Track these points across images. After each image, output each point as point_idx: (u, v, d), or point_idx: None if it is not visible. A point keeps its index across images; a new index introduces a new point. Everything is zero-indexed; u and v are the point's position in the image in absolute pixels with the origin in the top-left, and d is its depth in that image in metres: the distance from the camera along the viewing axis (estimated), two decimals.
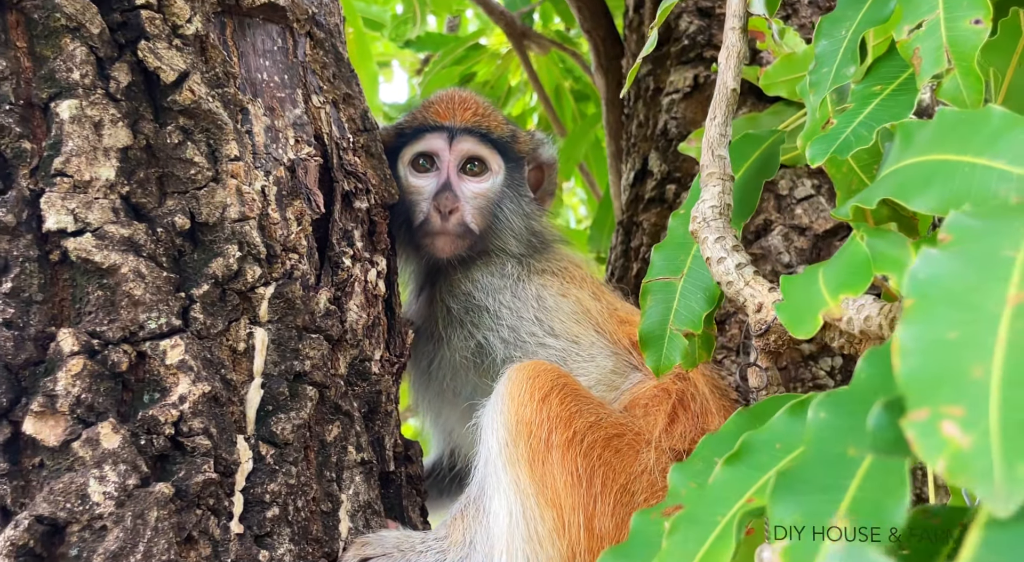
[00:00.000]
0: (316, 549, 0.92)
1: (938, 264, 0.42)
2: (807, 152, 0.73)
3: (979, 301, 0.39)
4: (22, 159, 0.83)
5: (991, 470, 0.32)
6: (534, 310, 1.19)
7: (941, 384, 0.36)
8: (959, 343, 0.37)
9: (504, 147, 1.24)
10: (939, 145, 0.60)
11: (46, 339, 0.81)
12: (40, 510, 0.77)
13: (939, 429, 0.34)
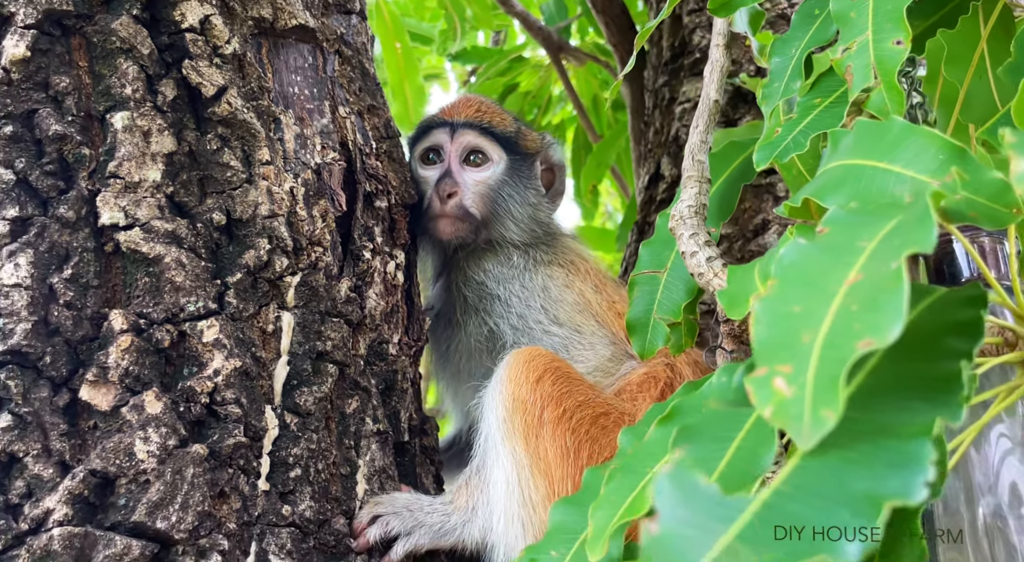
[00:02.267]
0: (335, 507, 0.99)
1: (801, 251, 0.47)
2: (753, 157, 0.78)
3: (824, 282, 0.44)
4: (82, 163, 0.92)
5: (802, 414, 0.38)
6: (541, 299, 1.25)
7: (779, 348, 0.41)
8: (800, 315, 0.42)
9: (506, 141, 1.30)
10: (855, 151, 0.65)
11: (100, 319, 0.90)
12: (94, 465, 0.85)
13: (771, 383, 0.40)
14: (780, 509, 0.37)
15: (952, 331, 0.47)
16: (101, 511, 0.85)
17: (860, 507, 0.36)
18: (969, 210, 0.60)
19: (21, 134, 0.90)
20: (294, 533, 0.94)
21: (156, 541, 0.85)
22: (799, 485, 0.38)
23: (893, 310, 0.40)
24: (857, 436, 0.40)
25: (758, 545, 0.34)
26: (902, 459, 0.38)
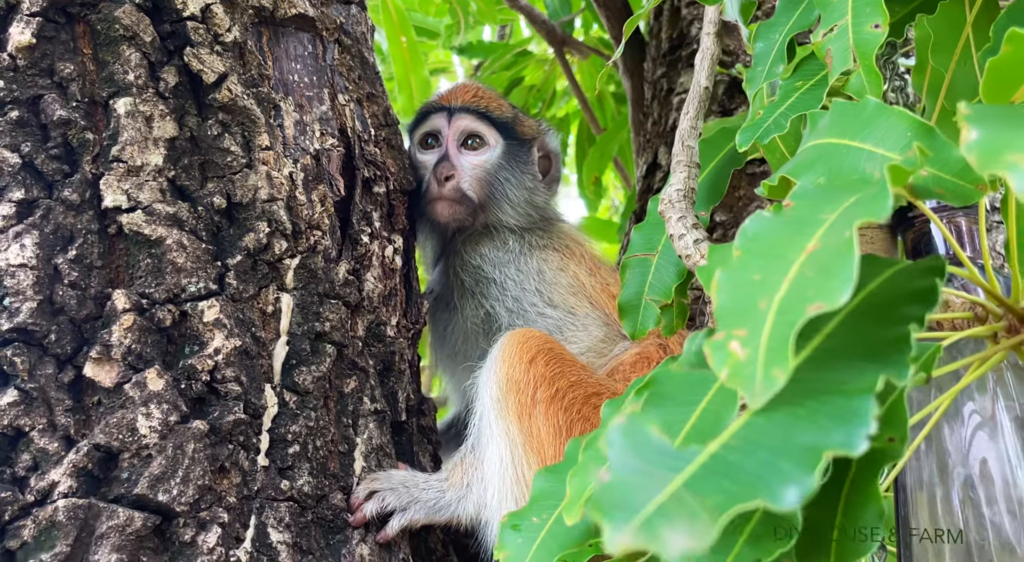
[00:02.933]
0: (333, 483, 1.01)
1: (765, 223, 0.49)
2: (736, 139, 0.79)
3: (784, 251, 0.45)
4: (86, 148, 0.94)
5: (755, 375, 0.39)
6: (535, 282, 1.26)
7: (737, 313, 0.42)
8: (758, 283, 0.43)
9: (503, 126, 1.31)
10: (830, 131, 0.66)
11: (104, 298, 0.92)
12: (98, 439, 0.87)
13: (727, 347, 0.41)
14: (726, 460, 0.38)
15: (908, 299, 0.48)
16: (105, 484, 0.87)
17: (801, 457, 0.37)
18: (936, 186, 0.61)
19: (27, 119, 0.92)
20: (292, 507, 0.96)
21: (158, 513, 0.87)
22: (746, 438, 0.40)
23: (844, 275, 0.41)
24: (807, 394, 0.42)
25: (702, 492, 0.36)
26: (846, 414, 0.40)
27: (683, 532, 0.33)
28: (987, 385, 0.70)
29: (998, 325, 0.66)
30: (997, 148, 0.42)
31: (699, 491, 0.36)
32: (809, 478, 0.36)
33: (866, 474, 0.52)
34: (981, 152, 0.43)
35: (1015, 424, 0.67)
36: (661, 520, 0.34)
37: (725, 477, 0.37)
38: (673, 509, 0.34)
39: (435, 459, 1.22)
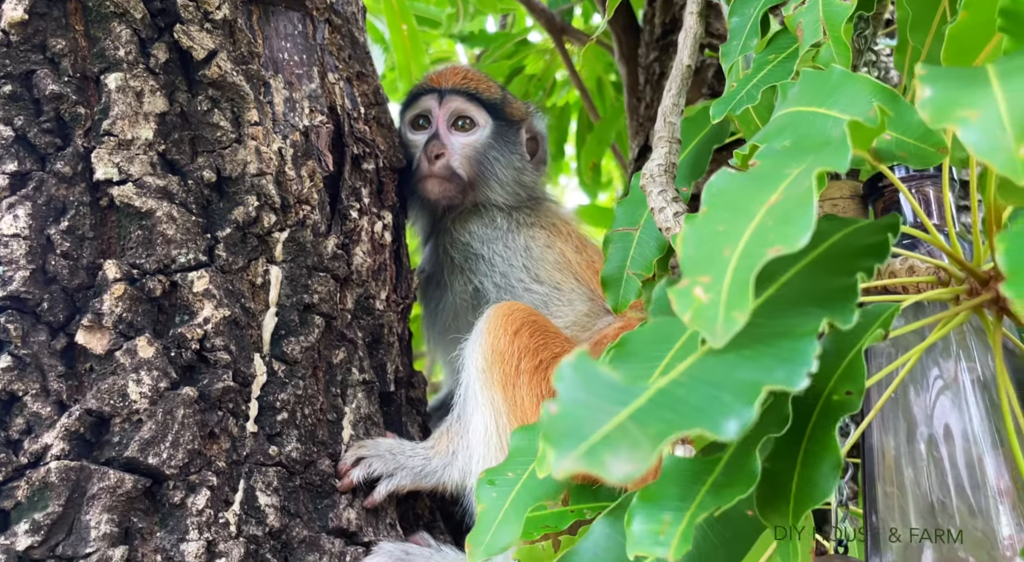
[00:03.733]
0: (321, 449, 1.02)
1: (730, 179, 0.49)
2: (711, 111, 0.80)
3: (748, 204, 0.46)
4: (77, 122, 0.94)
5: (717, 317, 0.40)
6: (523, 259, 1.27)
7: (702, 262, 0.43)
8: (723, 233, 0.44)
9: (491, 107, 1.31)
10: (799, 99, 0.66)
11: (95, 268, 0.92)
12: (89, 405, 0.88)
13: (692, 292, 0.42)
14: (672, 394, 0.39)
15: (861, 253, 0.49)
16: (96, 448, 0.88)
17: (742, 392, 0.38)
18: (899, 150, 0.62)
19: (20, 93, 0.93)
20: (281, 472, 0.97)
21: (148, 476, 0.88)
22: (693, 375, 0.41)
23: (803, 222, 0.42)
24: (757, 338, 0.42)
25: (645, 422, 0.37)
26: (790, 354, 0.40)
27: (625, 458, 0.34)
28: (950, 348, 0.71)
29: (960, 288, 0.66)
30: (948, 104, 0.43)
31: (643, 422, 0.37)
32: (748, 410, 0.37)
33: (825, 425, 0.53)
34: (934, 108, 0.43)
35: (975, 385, 0.68)
36: (604, 448, 0.35)
37: (668, 409, 0.38)
38: (617, 438, 0.35)
39: (424, 430, 1.23)
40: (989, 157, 0.38)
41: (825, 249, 0.51)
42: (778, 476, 0.53)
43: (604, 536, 0.57)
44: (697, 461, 0.54)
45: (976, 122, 0.40)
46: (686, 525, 0.50)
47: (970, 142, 0.40)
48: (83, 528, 0.84)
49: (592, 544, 0.57)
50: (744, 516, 0.56)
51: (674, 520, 0.51)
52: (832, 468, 0.52)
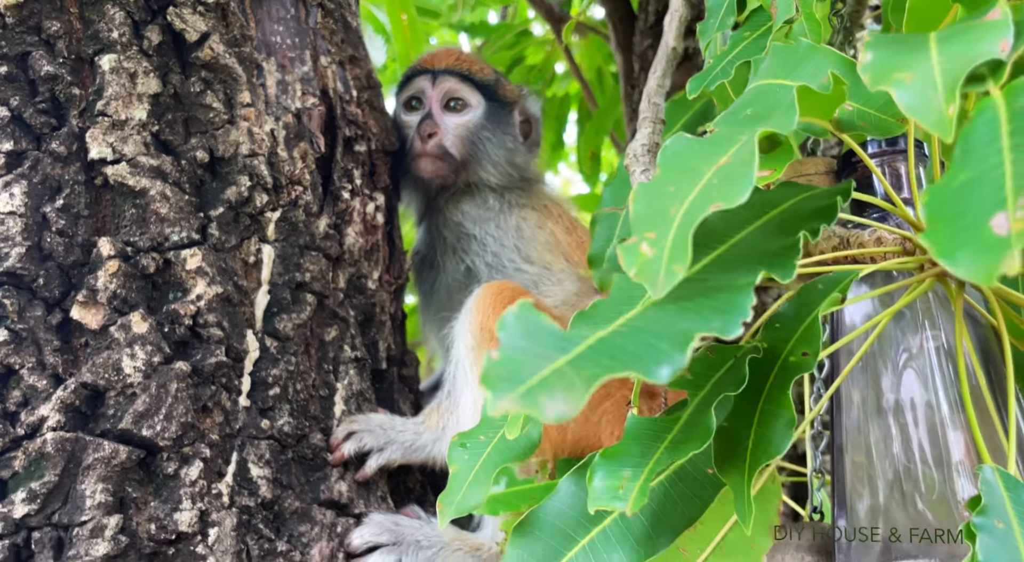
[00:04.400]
0: (313, 424, 1.04)
1: (685, 144, 0.51)
2: (687, 87, 0.81)
3: (699, 166, 0.47)
4: (72, 102, 0.96)
5: (659, 270, 0.41)
6: (514, 239, 1.28)
7: (649, 219, 0.44)
8: (672, 193, 0.45)
9: (484, 88, 1.32)
10: (768, 73, 0.67)
11: (90, 245, 0.94)
12: (84, 378, 0.90)
13: (638, 248, 0.43)
14: (611, 342, 0.41)
15: (810, 216, 0.50)
16: (92, 420, 0.90)
17: (677, 339, 0.40)
18: (860, 120, 0.63)
19: (16, 74, 0.94)
20: (273, 445, 0.99)
21: (142, 447, 0.90)
22: (633, 325, 0.42)
23: (744, 180, 0.43)
24: (699, 291, 0.44)
25: (582, 367, 0.38)
26: (727, 306, 0.42)
27: (559, 400, 0.35)
28: (917, 317, 0.72)
29: (924, 257, 0.67)
30: (887, 68, 0.44)
31: (579, 366, 0.38)
32: (681, 356, 0.39)
33: (781, 385, 0.55)
34: (874, 72, 0.45)
35: (940, 353, 0.69)
36: (541, 390, 0.36)
37: (606, 355, 0.39)
38: (554, 381, 0.37)
39: (416, 408, 1.24)
40: (920, 116, 0.39)
41: (778, 213, 0.52)
42: (736, 434, 0.55)
43: (569, 494, 0.58)
44: (657, 421, 0.56)
45: (911, 83, 0.41)
46: (643, 480, 0.52)
47: (903, 102, 0.41)
48: (78, 497, 0.86)
49: (558, 501, 0.59)
50: (703, 474, 0.58)
51: (633, 476, 0.53)
52: (786, 426, 0.53)
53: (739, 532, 0.71)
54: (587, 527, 0.58)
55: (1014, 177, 0.35)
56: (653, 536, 0.56)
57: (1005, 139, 0.37)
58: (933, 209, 0.37)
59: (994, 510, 0.49)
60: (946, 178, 0.38)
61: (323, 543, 0.97)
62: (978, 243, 0.34)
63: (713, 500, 0.57)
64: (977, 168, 0.37)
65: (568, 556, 0.57)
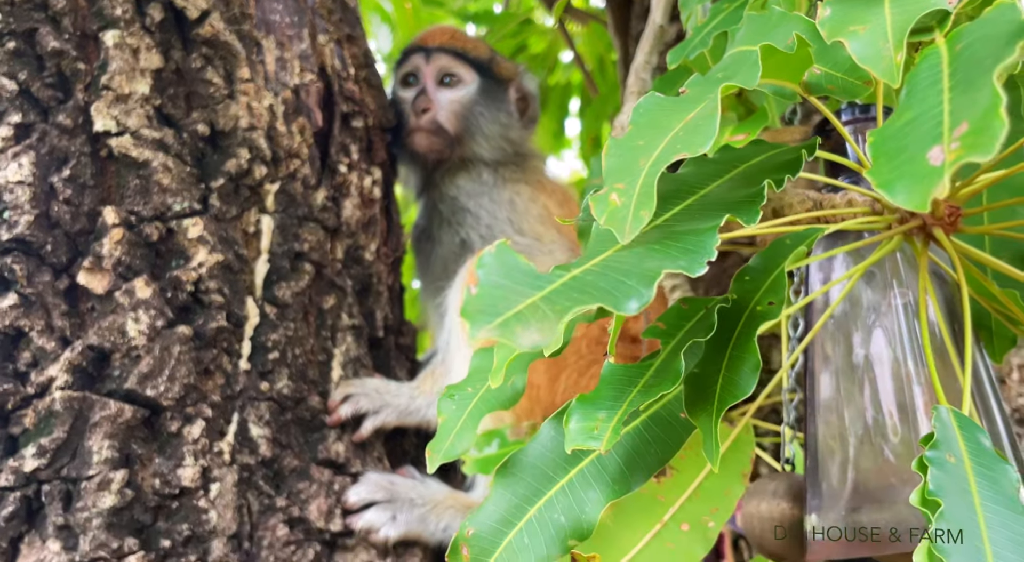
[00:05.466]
0: (311, 387, 1.06)
1: (656, 102, 0.52)
2: (667, 58, 0.82)
3: (668, 122, 0.49)
4: (78, 77, 0.98)
5: (627, 217, 0.43)
6: (507, 212, 1.29)
7: (619, 172, 0.46)
8: (641, 147, 0.47)
9: (478, 64, 1.33)
10: (743, 40, 0.69)
11: (95, 214, 0.96)
12: (91, 340, 0.92)
13: (608, 198, 0.45)
14: (583, 280, 0.42)
15: (776, 169, 0.52)
16: (99, 380, 0.92)
17: (645, 276, 0.41)
18: (828, 83, 0.64)
19: (23, 50, 0.96)
20: (273, 407, 1.01)
21: (146, 406, 0.92)
22: (605, 265, 0.44)
23: (707, 130, 0.45)
24: (668, 235, 0.45)
25: (555, 301, 0.40)
26: (693, 246, 0.43)
27: (534, 330, 0.37)
28: (885, 276, 0.73)
29: (892, 217, 0.69)
30: (843, 21, 0.46)
31: (553, 301, 0.40)
32: (648, 291, 0.40)
33: (748, 333, 0.57)
34: (831, 25, 0.46)
35: (906, 309, 0.71)
36: (516, 321, 0.38)
37: (577, 291, 0.41)
38: (528, 314, 0.39)
39: (412, 375, 1.26)
40: (871, 64, 0.41)
41: (746, 167, 0.54)
42: (706, 379, 0.57)
43: (549, 437, 0.60)
44: (631, 367, 0.58)
45: (863, 35, 0.43)
46: (616, 421, 0.54)
47: (855, 52, 0.42)
48: (86, 453, 0.88)
49: (539, 444, 0.60)
50: (676, 419, 0.60)
51: (607, 418, 0.55)
52: (752, 369, 0.55)
53: (714, 480, 0.74)
54: (566, 468, 0.60)
55: (951, 114, 0.36)
56: (627, 475, 0.58)
57: (945, 81, 0.39)
58: (877, 147, 0.39)
59: (946, 445, 0.51)
60: (891, 120, 0.39)
61: (321, 500, 1.00)
62: (914, 174, 0.35)
63: (684, 442, 0.59)
64: (919, 109, 0.38)
65: (548, 495, 0.59)
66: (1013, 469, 0.52)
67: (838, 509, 0.71)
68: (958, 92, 0.37)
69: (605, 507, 0.58)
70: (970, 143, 0.34)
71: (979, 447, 0.52)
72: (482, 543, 0.59)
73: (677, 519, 0.71)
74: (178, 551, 0.90)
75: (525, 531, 0.59)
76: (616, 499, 0.58)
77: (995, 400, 0.72)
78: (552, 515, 0.59)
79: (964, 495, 0.49)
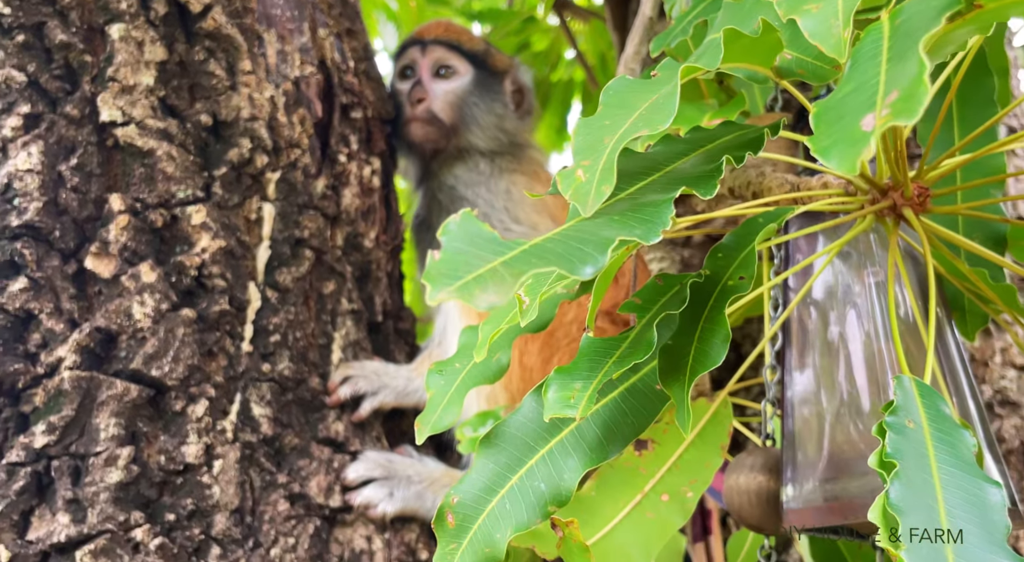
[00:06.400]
0: (312, 369, 1.08)
1: (624, 84, 0.54)
2: (649, 47, 0.84)
3: (634, 102, 0.50)
4: (85, 69, 0.99)
5: (590, 191, 0.44)
6: (503, 201, 1.31)
7: (586, 149, 0.47)
8: (607, 126, 0.48)
9: (473, 57, 1.35)
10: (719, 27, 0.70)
11: (102, 201, 0.98)
12: (98, 323, 0.94)
13: (574, 174, 0.47)
14: (543, 247, 0.44)
15: (739, 147, 0.53)
16: (106, 361, 0.94)
17: (601, 244, 0.43)
18: (798, 67, 0.65)
19: (32, 43, 0.98)
20: (274, 387, 1.03)
21: (152, 386, 0.94)
22: (566, 234, 0.45)
23: (667, 109, 0.46)
24: (628, 208, 0.47)
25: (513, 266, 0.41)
26: (650, 216, 0.45)
27: (491, 292, 0.39)
28: (859, 255, 0.75)
29: (864, 198, 0.70)
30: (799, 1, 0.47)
31: (511, 265, 0.41)
32: (603, 257, 0.42)
33: (719, 306, 0.58)
34: (787, 5, 0.48)
35: (878, 288, 0.73)
36: (475, 284, 0.39)
37: (536, 257, 0.43)
38: (487, 277, 0.40)
39: (410, 359, 1.28)
40: (820, 40, 0.42)
41: (712, 146, 0.55)
42: (679, 350, 0.58)
43: (530, 409, 0.62)
44: (607, 340, 0.59)
45: (816, 13, 0.44)
46: (592, 390, 0.55)
47: (807, 29, 0.44)
48: (93, 430, 0.90)
49: (520, 416, 0.62)
50: (652, 390, 0.61)
51: (583, 387, 0.56)
52: (722, 341, 0.56)
53: (693, 452, 0.75)
54: (546, 438, 0.61)
55: (886, 84, 0.38)
56: (605, 444, 0.60)
57: (884, 54, 0.40)
58: (818, 117, 0.40)
59: (906, 411, 0.52)
60: (835, 91, 0.41)
61: (321, 476, 1.01)
62: (847, 139, 0.37)
63: (658, 413, 0.61)
64: (859, 80, 0.40)
65: (529, 464, 0.61)
66: (970, 435, 0.53)
67: (813, 480, 0.72)
68: (893, 63, 0.38)
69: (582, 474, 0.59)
70: (899, 109, 0.35)
71: (939, 413, 0.54)
72: (466, 510, 0.61)
73: (657, 490, 0.73)
74: (182, 524, 0.92)
75: (507, 498, 0.60)
76: (593, 467, 0.60)
77: (964, 375, 0.73)
78: (533, 483, 0.60)
79: (921, 458, 0.50)
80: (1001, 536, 0.48)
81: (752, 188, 0.79)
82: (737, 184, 0.81)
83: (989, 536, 0.47)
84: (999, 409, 1.28)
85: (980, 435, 0.69)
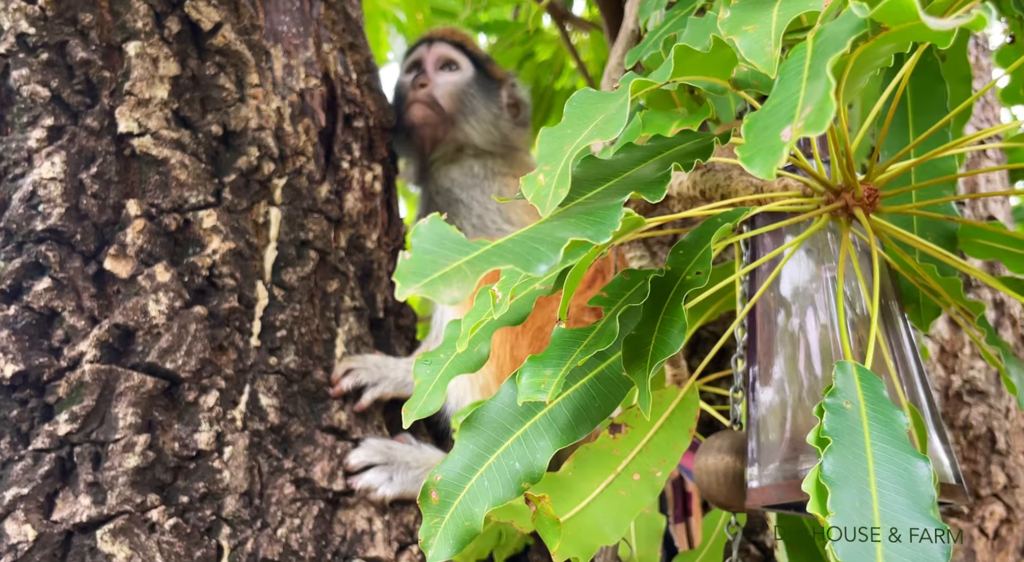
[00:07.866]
0: (316, 362, 1.12)
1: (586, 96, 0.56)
2: (624, 59, 0.87)
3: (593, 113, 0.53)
4: (103, 84, 1.03)
5: (548, 194, 0.48)
6: (496, 203, 1.34)
7: (549, 156, 0.51)
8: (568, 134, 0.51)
9: (474, 57, 1.39)
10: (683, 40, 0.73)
11: (120, 207, 1.02)
12: (117, 320, 0.98)
13: (536, 178, 0.50)
14: (503, 247, 0.47)
15: (691, 154, 0.57)
16: (124, 355, 0.98)
17: (555, 243, 0.46)
18: (752, 79, 0.68)
19: (55, 60, 1.02)
20: (281, 379, 1.06)
21: (166, 378, 0.98)
22: (525, 235, 0.48)
23: (618, 119, 0.49)
24: (582, 211, 0.50)
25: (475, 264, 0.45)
26: (601, 218, 0.48)
27: (454, 288, 0.42)
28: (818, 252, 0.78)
29: (819, 198, 0.73)
30: (738, 22, 0.50)
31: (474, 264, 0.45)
32: (556, 255, 0.45)
33: (677, 299, 0.61)
34: (728, 26, 0.51)
35: (833, 283, 0.75)
36: (441, 282, 0.43)
37: (496, 256, 0.46)
38: (452, 275, 0.43)
39: (411, 353, 1.31)
40: (754, 58, 0.45)
41: (667, 153, 0.58)
42: (641, 340, 0.61)
43: (507, 395, 0.65)
44: (577, 331, 0.62)
45: (752, 33, 0.47)
46: (561, 376, 0.59)
47: (743, 47, 0.47)
48: (112, 419, 0.94)
49: (498, 401, 0.65)
50: (618, 376, 0.64)
51: (553, 374, 0.59)
52: (679, 330, 0.59)
53: (663, 435, 0.78)
54: (521, 421, 0.64)
55: (804, 98, 0.41)
56: (575, 426, 0.63)
57: (806, 71, 0.43)
58: (748, 128, 0.43)
59: (844, 393, 0.55)
60: (764, 104, 0.44)
61: (324, 462, 1.05)
62: (768, 148, 0.40)
63: (624, 397, 0.64)
64: (784, 95, 0.43)
65: (505, 445, 0.64)
66: (904, 414, 0.56)
67: (775, 460, 0.75)
68: (810, 81, 0.42)
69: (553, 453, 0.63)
70: (810, 122, 0.38)
71: (876, 396, 0.57)
72: (448, 487, 0.64)
73: (629, 470, 0.76)
74: (195, 506, 0.95)
75: (485, 476, 0.64)
76: (564, 446, 0.63)
77: (915, 363, 0.76)
78: (509, 462, 0.63)
79: (856, 435, 0.53)
80: (927, 505, 0.50)
81: (721, 190, 0.82)
82: (708, 187, 0.84)
83: (915, 505, 0.50)
84: (968, 398, 1.31)
85: (928, 418, 0.72)
